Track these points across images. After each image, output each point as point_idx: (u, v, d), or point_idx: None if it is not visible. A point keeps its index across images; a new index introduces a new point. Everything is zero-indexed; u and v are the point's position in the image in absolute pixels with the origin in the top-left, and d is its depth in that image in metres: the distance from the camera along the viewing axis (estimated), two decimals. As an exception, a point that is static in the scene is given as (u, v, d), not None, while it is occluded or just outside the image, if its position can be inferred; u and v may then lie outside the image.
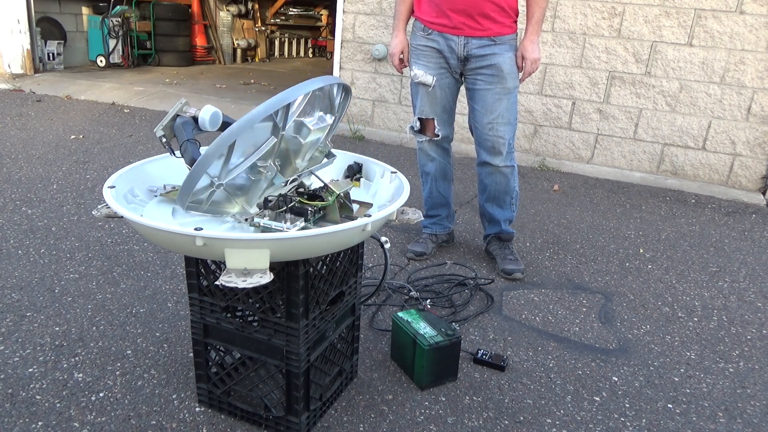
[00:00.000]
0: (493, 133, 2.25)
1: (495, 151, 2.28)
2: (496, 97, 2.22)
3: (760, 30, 3.64)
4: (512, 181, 2.36)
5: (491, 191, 2.39)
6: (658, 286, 2.39)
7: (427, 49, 2.27)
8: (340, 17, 4.66)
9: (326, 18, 12.37)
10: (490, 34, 2.18)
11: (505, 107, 2.23)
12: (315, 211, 1.31)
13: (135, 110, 5.22)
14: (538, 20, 2.22)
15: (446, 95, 2.31)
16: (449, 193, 2.54)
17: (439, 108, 2.32)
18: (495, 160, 2.30)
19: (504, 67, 2.19)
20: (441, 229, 2.57)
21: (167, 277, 2.15)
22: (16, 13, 6.24)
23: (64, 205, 2.80)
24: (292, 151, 1.33)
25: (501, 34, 2.18)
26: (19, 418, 1.41)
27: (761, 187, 3.88)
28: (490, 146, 2.28)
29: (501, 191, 2.37)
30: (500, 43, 2.19)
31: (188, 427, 1.42)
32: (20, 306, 1.90)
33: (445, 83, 2.29)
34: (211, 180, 1.21)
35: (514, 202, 2.42)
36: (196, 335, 1.42)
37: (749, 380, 1.78)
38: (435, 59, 2.26)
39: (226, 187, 1.26)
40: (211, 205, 1.27)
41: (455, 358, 1.64)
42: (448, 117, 2.37)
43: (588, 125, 4.18)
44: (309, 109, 1.29)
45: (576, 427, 1.51)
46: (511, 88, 2.23)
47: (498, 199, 2.40)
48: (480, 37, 2.18)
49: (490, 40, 2.18)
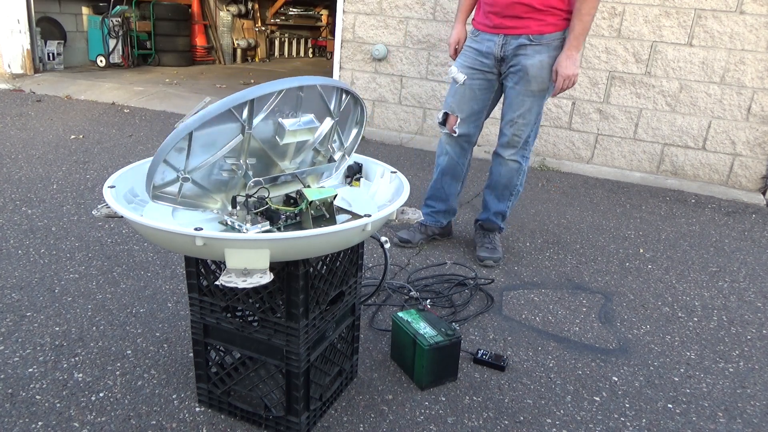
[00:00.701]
0: (513, 130, 2.32)
1: (509, 146, 2.36)
2: (519, 97, 2.26)
3: (760, 30, 3.64)
4: (516, 177, 2.41)
5: (493, 180, 2.46)
6: (658, 286, 2.39)
7: (469, 49, 2.34)
8: (340, 17, 4.66)
9: (326, 18, 12.37)
10: (528, 32, 2.18)
11: (528, 108, 2.26)
12: (289, 216, 1.29)
13: (135, 110, 5.22)
14: (578, 35, 2.13)
15: (475, 96, 2.34)
16: (453, 191, 2.56)
17: (465, 107, 2.37)
18: (505, 153, 2.37)
19: (530, 70, 2.20)
20: (432, 221, 2.60)
21: (167, 277, 2.15)
22: (16, 13, 6.24)
23: (64, 205, 2.80)
24: (272, 152, 1.32)
25: (541, 32, 2.17)
26: (19, 418, 1.41)
27: (761, 187, 3.88)
28: (506, 141, 2.35)
29: (502, 184, 2.43)
30: (537, 44, 2.18)
31: (188, 427, 1.42)
32: (20, 306, 1.90)
33: (476, 84, 2.32)
34: (177, 173, 1.20)
35: (513, 198, 2.48)
36: (196, 335, 1.42)
37: (749, 380, 1.78)
38: (472, 59, 2.32)
39: (199, 182, 1.25)
40: (184, 198, 1.26)
41: (455, 358, 1.64)
42: (475, 119, 2.39)
43: (588, 125, 4.18)
44: (288, 110, 1.26)
45: (576, 427, 1.52)
46: (536, 91, 2.23)
47: (497, 190, 2.46)
48: (517, 35, 2.20)
49: (528, 39, 2.18)
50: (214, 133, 1.18)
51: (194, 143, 1.16)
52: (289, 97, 1.24)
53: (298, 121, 1.29)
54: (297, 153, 1.37)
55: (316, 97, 1.30)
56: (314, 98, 1.30)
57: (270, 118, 1.25)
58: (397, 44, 4.50)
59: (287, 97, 1.24)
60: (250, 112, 1.20)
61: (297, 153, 1.37)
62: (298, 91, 1.24)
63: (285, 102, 1.24)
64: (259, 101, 1.20)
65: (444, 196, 2.56)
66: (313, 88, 1.27)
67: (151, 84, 6.33)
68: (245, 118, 1.20)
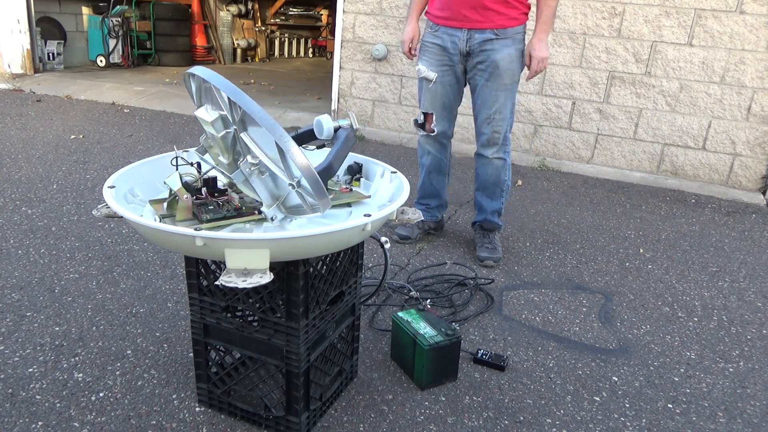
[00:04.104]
0: (491, 127, 2.35)
1: (490, 144, 2.38)
2: (493, 93, 2.29)
3: (760, 30, 3.64)
4: (503, 173, 2.45)
5: (482, 181, 2.49)
6: (658, 286, 2.39)
7: (432, 45, 2.35)
8: (340, 17, 4.66)
9: (326, 18, 12.37)
10: (493, 26, 2.21)
11: (502, 102, 2.30)
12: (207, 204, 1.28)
13: (135, 110, 5.22)
14: (547, 19, 2.24)
15: (447, 92, 2.38)
16: (442, 185, 2.65)
17: (438, 104, 2.40)
18: (488, 152, 2.40)
19: (501, 64, 2.24)
20: (429, 216, 2.69)
21: (167, 277, 2.15)
22: (16, 13, 6.24)
23: (64, 205, 2.80)
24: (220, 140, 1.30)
25: (504, 26, 2.21)
26: (19, 418, 1.41)
27: (761, 187, 3.88)
28: (486, 139, 2.38)
29: (492, 182, 2.47)
30: (502, 37, 2.22)
31: (188, 427, 1.42)
32: (20, 306, 1.90)
33: (446, 80, 2.36)
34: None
35: (504, 194, 2.52)
36: (196, 335, 1.42)
37: (749, 380, 1.78)
38: (438, 56, 2.34)
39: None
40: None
41: (455, 358, 1.64)
42: (447, 114, 2.45)
43: (588, 125, 4.18)
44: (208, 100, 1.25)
45: (576, 427, 1.52)
46: (508, 84, 2.28)
47: (488, 190, 2.49)
48: (482, 29, 2.22)
49: (493, 33, 2.22)
50: None
51: None
52: (206, 87, 1.23)
53: (204, 111, 1.26)
54: (229, 151, 1.32)
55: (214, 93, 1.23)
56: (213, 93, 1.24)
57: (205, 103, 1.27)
58: (397, 44, 4.50)
59: (206, 87, 1.23)
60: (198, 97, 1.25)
61: (229, 151, 1.32)
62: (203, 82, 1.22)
63: (207, 90, 1.24)
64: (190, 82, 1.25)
65: (435, 192, 2.64)
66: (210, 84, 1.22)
67: (151, 84, 6.33)
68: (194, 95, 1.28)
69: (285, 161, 1.19)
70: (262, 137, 1.21)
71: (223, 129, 1.26)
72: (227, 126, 1.25)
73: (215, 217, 1.24)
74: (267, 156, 1.21)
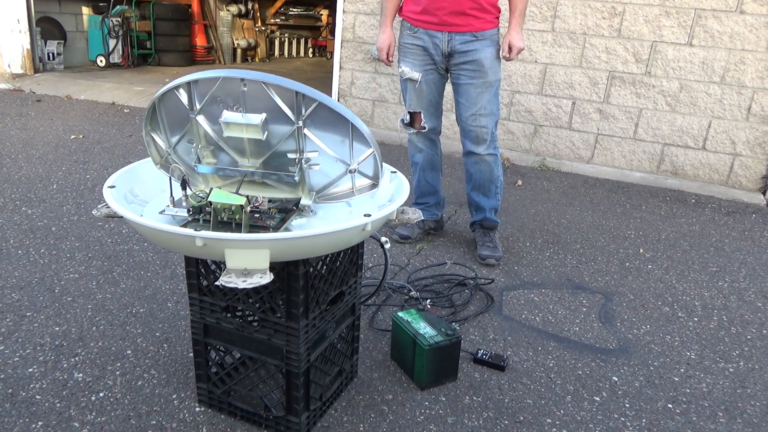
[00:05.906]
0: (477, 124, 2.38)
1: (478, 141, 2.41)
2: (478, 91, 2.34)
3: (760, 30, 3.64)
4: (496, 169, 2.48)
5: (476, 180, 2.51)
6: (658, 286, 2.39)
7: (413, 47, 2.40)
8: (340, 17, 4.66)
9: (326, 18, 12.36)
10: (472, 29, 2.29)
11: (488, 99, 2.36)
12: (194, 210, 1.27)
13: (135, 110, 5.22)
14: (521, 13, 2.35)
15: (432, 90, 2.44)
16: (437, 182, 2.68)
17: (425, 102, 2.45)
18: (478, 149, 2.43)
19: (485, 63, 2.31)
20: (429, 215, 2.71)
21: (167, 277, 2.15)
22: (16, 13, 6.24)
23: (64, 205, 2.80)
24: (227, 145, 1.33)
25: (482, 29, 2.30)
26: (19, 418, 1.41)
27: (761, 187, 3.88)
28: (474, 136, 2.41)
29: (485, 180, 2.49)
30: (482, 39, 2.31)
31: (188, 427, 1.42)
32: (20, 306, 1.90)
33: (430, 79, 2.42)
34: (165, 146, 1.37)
35: (499, 191, 2.54)
36: (196, 335, 1.42)
37: (749, 380, 1.78)
38: (421, 56, 2.39)
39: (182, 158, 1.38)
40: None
41: (455, 358, 1.64)
42: (435, 110, 2.50)
43: (588, 125, 4.18)
44: (233, 102, 1.24)
45: (576, 427, 1.52)
46: (493, 81, 2.35)
47: (483, 188, 2.52)
48: (462, 32, 2.29)
49: (473, 35, 2.30)
50: (174, 112, 1.27)
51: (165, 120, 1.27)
52: (231, 90, 1.22)
53: (240, 116, 1.25)
54: (257, 153, 1.33)
55: (265, 96, 1.23)
56: (263, 96, 1.23)
57: (211, 107, 1.26)
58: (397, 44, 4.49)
59: (228, 89, 1.22)
60: (189, 95, 1.24)
61: (257, 153, 1.33)
62: (241, 85, 1.21)
63: (228, 94, 1.23)
64: (203, 87, 1.23)
65: (432, 189, 2.67)
66: (258, 85, 1.20)
67: (151, 84, 6.33)
68: (188, 102, 1.25)
69: (351, 146, 1.31)
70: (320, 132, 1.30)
71: (265, 130, 1.28)
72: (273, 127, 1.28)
73: (279, 220, 1.29)
74: (326, 147, 1.31)
